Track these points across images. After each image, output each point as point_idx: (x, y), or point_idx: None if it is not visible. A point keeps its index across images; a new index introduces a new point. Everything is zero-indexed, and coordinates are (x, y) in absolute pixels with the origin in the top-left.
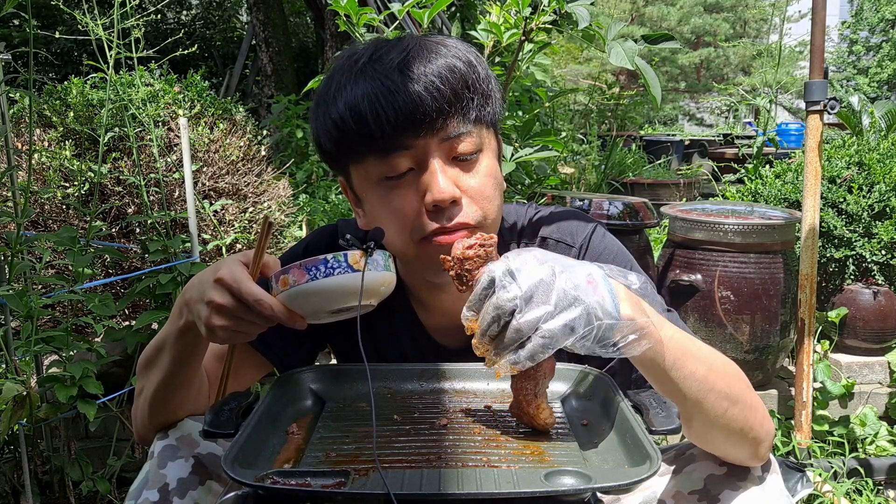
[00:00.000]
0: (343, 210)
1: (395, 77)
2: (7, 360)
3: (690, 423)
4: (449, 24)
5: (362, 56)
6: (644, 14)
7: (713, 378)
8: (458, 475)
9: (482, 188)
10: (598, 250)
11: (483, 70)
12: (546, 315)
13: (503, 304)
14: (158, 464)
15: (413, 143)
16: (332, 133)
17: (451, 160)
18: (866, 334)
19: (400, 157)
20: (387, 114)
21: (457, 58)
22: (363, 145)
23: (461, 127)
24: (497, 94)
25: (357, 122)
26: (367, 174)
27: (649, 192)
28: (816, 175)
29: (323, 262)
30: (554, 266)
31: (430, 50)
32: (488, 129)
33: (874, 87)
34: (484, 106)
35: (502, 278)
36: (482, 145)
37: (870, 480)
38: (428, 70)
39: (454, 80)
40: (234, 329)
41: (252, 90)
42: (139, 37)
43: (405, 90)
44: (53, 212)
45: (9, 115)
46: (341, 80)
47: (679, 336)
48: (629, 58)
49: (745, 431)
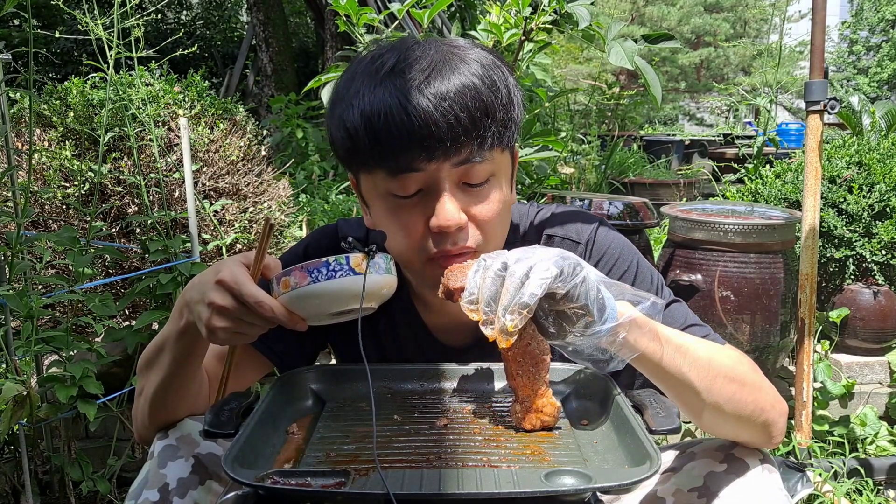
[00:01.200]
0: (343, 210)
1: (414, 97)
2: (7, 360)
3: (701, 412)
4: (449, 24)
5: (387, 61)
6: (644, 14)
7: (717, 364)
8: (458, 475)
9: (490, 215)
10: (605, 245)
11: (506, 90)
12: (539, 259)
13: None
14: (158, 464)
15: (424, 166)
16: (345, 140)
17: (462, 185)
18: (866, 334)
19: (409, 179)
20: (401, 134)
21: (480, 77)
22: (374, 160)
23: (475, 155)
24: (518, 112)
25: (370, 137)
26: (375, 185)
27: (649, 192)
28: (816, 175)
29: (325, 265)
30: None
31: (453, 66)
32: (503, 152)
33: (874, 87)
34: (502, 132)
35: (494, 256)
36: (495, 171)
37: (870, 480)
38: (449, 92)
39: (473, 106)
40: (235, 330)
41: (252, 90)
42: (139, 37)
43: (422, 113)
44: (53, 212)
45: (9, 115)
46: (361, 85)
47: (675, 333)
48: (629, 57)
49: (756, 414)
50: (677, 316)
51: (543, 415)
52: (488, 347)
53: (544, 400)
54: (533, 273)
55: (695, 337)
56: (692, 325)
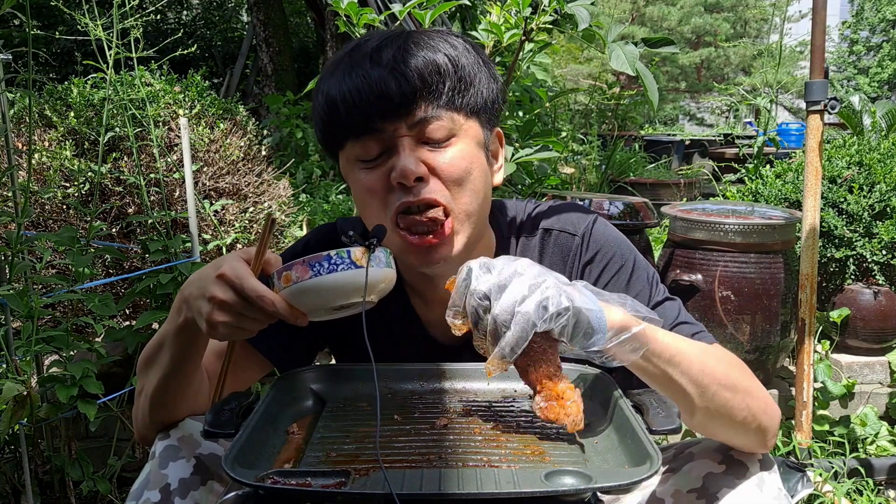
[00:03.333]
0: (343, 210)
1: (365, 64)
2: (7, 360)
3: (692, 415)
4: (449, 24)
5: (349, 47)
6: (644, 14)
7: (710, 371)
8: (459, 475)
9: (451, 168)
10: (601, 240)
11: (467, 59)
12: (521, 298)
13: (478, 291)
14: (160, 464)
15: (382, 126)
16: (318, 125)
17: (422, 144)
18: (867, 334)
19: (371, 141)
20: (354, 99)
21: (436, 48)
22: (338, 131)
23: (429, 111)
24: (485, 84)
25: (330, 110)
26: (348, 160)
27: (650, 192)
28: (817, 175)
29: (326, 259)
30: (532, 263)
31: (411, 40)
32: (468, 118)
33: (874, 87)
34: (459, 93)
35: (478, 269)
36: (456, 131)
37: (870, 480)
38: (398, 57)
39: (424, 66)
40: (236, 325)
41: (252, 90)
42: (139, 37)
43: (372, 76)
44: (53, 212)
45: (9, 115)
46: (325, 73)
47: (669, 337)
48: (630, 63)
49: (749, 420)
50: (669, 314)
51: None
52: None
53: (562, 385)
54: (514, 322)
55: (688, 341)
56: (682, 324)
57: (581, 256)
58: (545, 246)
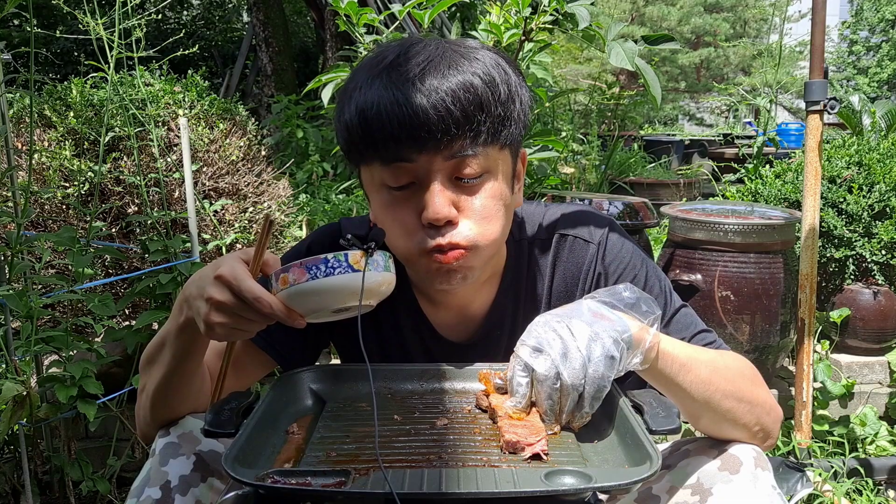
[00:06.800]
0: (343, 210)
1: (406, 88)
2: (7, 360)
3: (699, 420)
4: (449, 25)
5: (387, 57)
6: (644, 14)
7: (717, 380)
8: (459, 475)
9: (482, 210)
10: (616, 250)
11: (506, 89)
12: (584, 361)
13: (546, 373)
14: (160, 461)
15: (415, 157)
16: (343, 133)
17: (454, 179)
18: (866, 334)
19: (401, 170)
20: (391, 125)
21: (478, 75)
22: (368, 151)
23: (467, 149)
24: (521, 113)
25: (363, 128)
26: (372, 177)
27: (649, 192)
28: (816, 175)
29: (323, 262)
30: (561, 320)
31: (452, 62)
32: (502, 150)
33: (874, 87)
34: (498, 128)
35: (531, 357)
36: (489, 167)
37: (870, 480)
38: (442, 86)
39: (467, 100)
40: (233, 326)
41: (252, 90)
42: (140, 37)
43: (413, 104)
44: (53, 212)
45: (9, 115)
46: (360, 80)
47: (680, 345)
48: (629, 59)
49: (752, 424)
50: (687, 323)
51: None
52: (493, 343)
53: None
54: (588, 383)
55: (698, 348)
56: (700, 332)
57: (596, 265)
58: (559, 251)
